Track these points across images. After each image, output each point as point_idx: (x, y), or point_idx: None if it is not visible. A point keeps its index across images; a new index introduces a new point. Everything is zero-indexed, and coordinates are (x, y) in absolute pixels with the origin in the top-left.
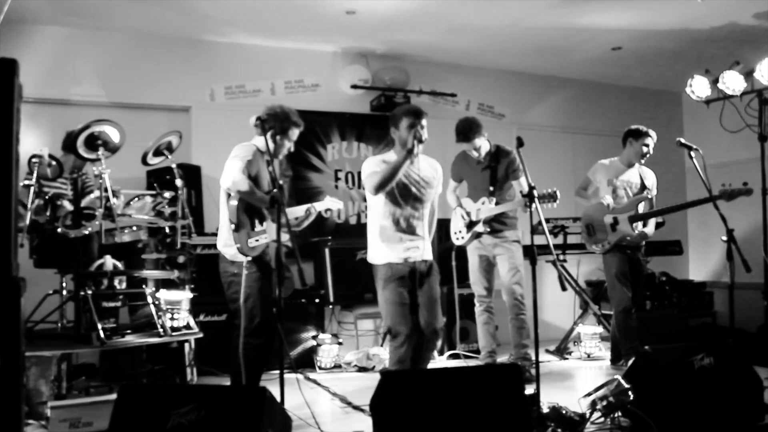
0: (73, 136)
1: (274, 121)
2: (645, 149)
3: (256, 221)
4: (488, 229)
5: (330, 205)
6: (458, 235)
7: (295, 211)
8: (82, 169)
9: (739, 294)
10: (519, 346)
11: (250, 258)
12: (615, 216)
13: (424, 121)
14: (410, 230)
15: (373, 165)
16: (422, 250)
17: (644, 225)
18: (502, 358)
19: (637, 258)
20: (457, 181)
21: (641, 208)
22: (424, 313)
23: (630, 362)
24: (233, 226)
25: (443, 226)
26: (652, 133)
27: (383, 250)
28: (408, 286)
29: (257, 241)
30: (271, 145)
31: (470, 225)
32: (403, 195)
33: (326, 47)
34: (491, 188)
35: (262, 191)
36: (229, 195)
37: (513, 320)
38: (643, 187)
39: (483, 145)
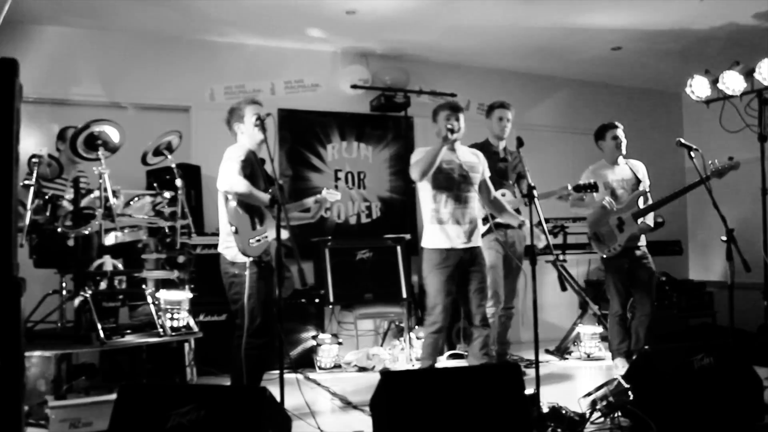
0: (72, 135)
1: (237, 111)
2: (617, 141)
3: (256, 221)
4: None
5: (329, 197)
6: None
7: (304, 204)
8: (80, 165)
9: (739, 294)
10: (505, 343)
11: (251, 258)
12: (619, 216)
13: (460, 115)
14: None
15: (418, 154)
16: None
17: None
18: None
19: (638, 257)
20: None
21: (641, 202)
22: None
23: (616, 361)
24: (233, 228)
25: None
26: (614, 123)
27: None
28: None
29: (258, 241)
30: (259, 133)
31: (487, 217)
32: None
33: (326, 47)
34: (510, 182)
35: (259, 189)
36: (227, 197)
37: (503, 316)
38: (638, 180)
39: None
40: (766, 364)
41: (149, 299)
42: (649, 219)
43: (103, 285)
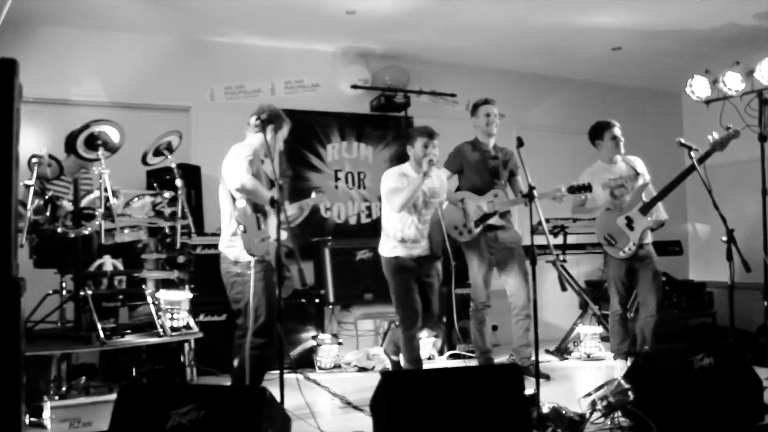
0: (72, 135)
1: (273, 119)
2: (616, 140)
3: (261, 221)
4: (504, 223)
5: (317, 199)
6: (461, 229)
7: (287, 210)
8: (85, 169)
9: (739, 294)
10: (527, 346)
11: (256, 258)
12: (627, 215)
13: (435, 141)
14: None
15: (393, 180)
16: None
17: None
18: (501, 359)
19: (641, 256)
20: (454, 171)
21: (645, 196)
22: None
23: (616, 362)
24: (242, 227)
25: None
26: (611, 122)
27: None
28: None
29: (263, 240)
30: (271, 142)
31: (483, 218)
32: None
33: (326, 47)
34: (502, 181)
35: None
36: (234, 196)
37: (523, 320)
38: (637, 174)
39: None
40: (766, 365)
41: (149, 299)
42: (662, 212)
43: (103, 285)
